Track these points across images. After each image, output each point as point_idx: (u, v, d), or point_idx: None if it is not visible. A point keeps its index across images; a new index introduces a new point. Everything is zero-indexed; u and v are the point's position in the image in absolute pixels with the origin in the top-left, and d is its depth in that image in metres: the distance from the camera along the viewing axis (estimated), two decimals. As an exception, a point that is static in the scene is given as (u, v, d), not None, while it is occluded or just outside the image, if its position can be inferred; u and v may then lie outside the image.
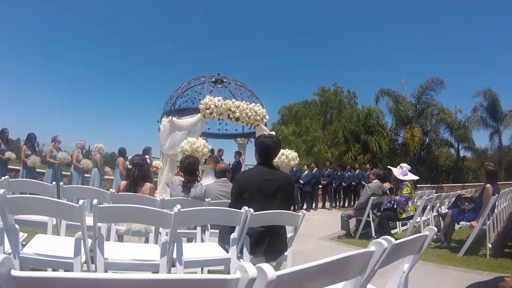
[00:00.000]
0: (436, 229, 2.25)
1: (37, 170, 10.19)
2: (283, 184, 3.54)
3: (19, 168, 10.11)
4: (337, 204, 15.57)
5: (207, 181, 9.82)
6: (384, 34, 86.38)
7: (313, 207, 14.29)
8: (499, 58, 67.24)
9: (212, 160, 10.83)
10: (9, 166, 10.17)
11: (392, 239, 1.72)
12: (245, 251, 3.20)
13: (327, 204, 15.24)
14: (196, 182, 5.03)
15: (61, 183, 5.02)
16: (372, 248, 1.67)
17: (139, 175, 4.75)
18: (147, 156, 5.18)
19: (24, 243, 3.06)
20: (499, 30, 68.19)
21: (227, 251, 3.35)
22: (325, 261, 1.26)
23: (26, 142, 9.90)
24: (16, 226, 2.66)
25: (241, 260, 3.22)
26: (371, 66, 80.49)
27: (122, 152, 11.02)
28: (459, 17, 79.40)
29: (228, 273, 3.24)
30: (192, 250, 3.29)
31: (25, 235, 3.21)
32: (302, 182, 13.70)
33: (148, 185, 4.80)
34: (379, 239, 1.69)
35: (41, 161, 10.20)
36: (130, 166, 4.81)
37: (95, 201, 2.65)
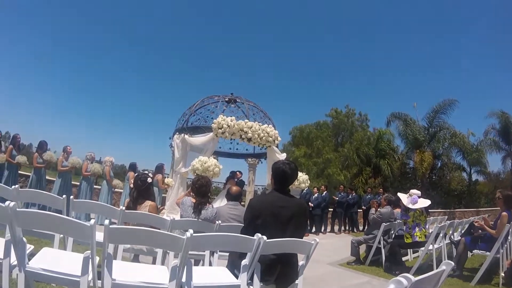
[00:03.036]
0: (453, 263, 2.20)
1: (47, 177, 10.32)
2: (298, 212, 3.46)
3: (30, 174, 10.16)
4: (346, 228, 15.38)
5: (223, 202, 9.82)
6: (396, 56, 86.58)
7: (322, 230, 14.17)
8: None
9: (233, 181, 10.83)
10: (20, 172, 10.25)
11: (412, 277, 1.67)
12: (255, 278, 3.14)
13: (336, 228, 15.07)
14: (208, 204, 4.98)
15: (71, 196, 4.99)
16: (391, 286, 1.62)
17: (137, 196, 4.81)
18: (150, 174, 5.18)
19: (31, 252, 3.06)
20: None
21: (237, 276, 3.29)
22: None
23: (37, 150, 9.99)
24: (24, 239, 2.65)
25: (251, 287, 3.16)
26: (382, 88, 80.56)
27: (133, 167, 11.12)
28: (472, 37, 79.28)
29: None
30: (201, 275, 3.23)
31: (32, 247, 3.19)
32: (312, 205, 13.61)
33: (148, 203, 4.79)
34: (399, 277, 1.64)
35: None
36: (132, 186, 4.87)
37: (106, 221, 2.62)
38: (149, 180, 4.96)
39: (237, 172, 12.49)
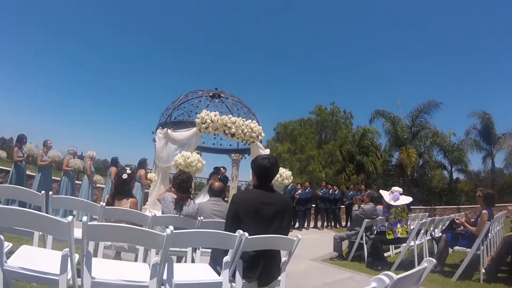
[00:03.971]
0: (434, 260, 2.20)
1: (28, 173, 10.09)
2: (282, 208, 3.43)
3: (10, 169, 9.95)
4: (329, 224, 15.47)
5: (205, 198, 9.78)
6: (382, 55, 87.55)
7: (305, 226, 14.23)
8: (495, 81, 68.41)
9: (216, 177, 10.77)
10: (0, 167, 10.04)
11: (394, 275, 1.66)
12: (237, 275, 3.10)
13: (319, 224, 15.15)
14: (189, 199, 4.92)
15: (50, 192, 4.87)
16: (373, 284, 1.60)
17: (116, 192, 4.87)
18: (128, 170, 5.14)
19: (10, 250, 2.97)
20: (496, 54, 69.38)
21: (219, 273, 3.25)
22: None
23: (17, 144, 9.75)
24: (1, 237, 2.57)
25: (233, 284, 3.13)
26: (367, 87, 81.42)
27: (115, 162, 10.99)
28: (457, 40, 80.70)
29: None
30: (182, 272, 3.18)
31: (10, 245, 3.09)
32: (297, 196, 13.69)
33: (129, 199, 4.78)
34: (381, 275, 1.63)
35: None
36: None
37: (84, 218, 2.55)
38: (124, 176, 4.90)
39: (221, 168, 12.44)
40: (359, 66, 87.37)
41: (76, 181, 11.00)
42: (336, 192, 15.74)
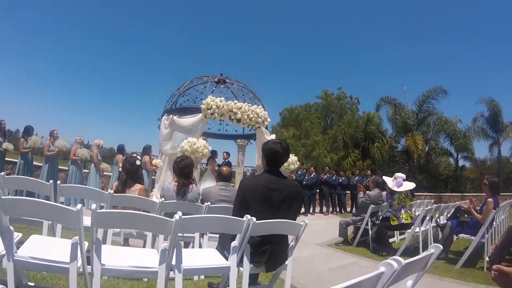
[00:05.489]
0: (441, 246, 2.21)
1: (34, 163, 10.13)
2: (290, 194, 3.40)
3: (17, 160, 9.98)
4: (334, 209, 15.51)
5: (207, 183, 9.78)
6: (389, 40, 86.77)
7: (310, 211, 14.28)
8: (503, 68, 67.66)
9: (212, 161, 10.78)
10: (6, 158, 10.05)
11: (402, 260, 1.67)
12: (245, 260, 3.13)
13: (324, 209, 15.20)
14: (190, 185, 4.91)
15: (58, 181, 4.90)
16: (382, 269, 1.61)
17: (126, 180, 4.82)
18: (138, 157, 5.16)
19: (19, 240, 3.00)
20: (505, 41, 68.45)
21: (226, 258, 3.28)
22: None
23: (23, 135, 9.77)
24: (11, 227, 2.58)
25: (241, 268, 3.17)
26: (374, 74, 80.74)
27: (121, 149, 11.01)
28: (465, 26, 79.86)
29: (227, 280, 3.17)
30: (191, 257, 3.22)
31: (20, 235, 3.12)
32: (305, 182, 13.78)
33: (138, 186, 4.77)
34: (389, 260, 1.64)
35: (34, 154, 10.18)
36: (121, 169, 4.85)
37: (93, 206, 2.57)
38: (138, 162, 4.89)
39: (224, 153, 12.48)
40: (367, 53, 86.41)
41: (84, 170, 11.07)
42: (342, 178, 15.80)
